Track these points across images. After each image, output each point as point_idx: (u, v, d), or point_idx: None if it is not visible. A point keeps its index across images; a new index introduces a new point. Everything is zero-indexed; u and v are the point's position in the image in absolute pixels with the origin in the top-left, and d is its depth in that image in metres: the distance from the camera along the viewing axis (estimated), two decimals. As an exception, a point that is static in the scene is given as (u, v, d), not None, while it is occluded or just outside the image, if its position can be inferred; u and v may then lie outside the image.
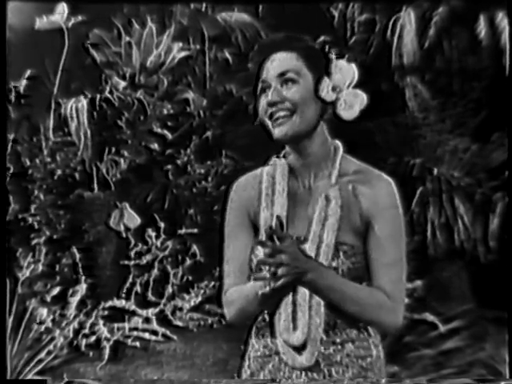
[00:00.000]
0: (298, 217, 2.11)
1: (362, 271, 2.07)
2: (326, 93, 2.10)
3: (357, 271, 2.06)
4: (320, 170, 2.12)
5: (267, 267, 1.98)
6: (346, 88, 2.11)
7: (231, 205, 2.19)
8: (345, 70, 2.12)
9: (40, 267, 5.40)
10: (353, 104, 2.11)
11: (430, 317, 4.97)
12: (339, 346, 2.09)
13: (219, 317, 5.17)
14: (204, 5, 5.94)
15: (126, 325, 5.29)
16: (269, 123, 2.10)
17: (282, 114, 2.07)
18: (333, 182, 2.09)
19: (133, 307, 5.38)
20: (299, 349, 2.07)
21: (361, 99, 2.12)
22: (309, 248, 2.05)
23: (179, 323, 5.38)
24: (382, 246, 2.07)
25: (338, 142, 2.16)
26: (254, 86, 2.15)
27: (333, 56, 2.12)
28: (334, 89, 2.11)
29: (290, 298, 2.07)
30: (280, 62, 2.09)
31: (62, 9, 5.65)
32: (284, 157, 2.16)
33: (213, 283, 5.38)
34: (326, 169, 2.12)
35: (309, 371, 2.09)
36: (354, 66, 2.13)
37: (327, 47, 2.14)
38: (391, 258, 2.09)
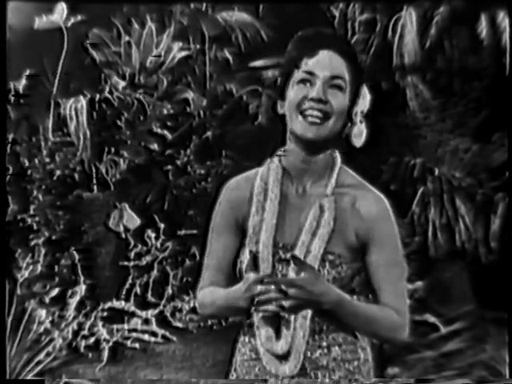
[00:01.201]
0: (287, 223, 2.08)
1: (347, 280, 2.05)
2: (356, 114, 2.09)
3: (342, 280, 2.04)
4: (317, 177, 2.10)
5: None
6: (363, 116, 2.11)
7: (221, 203, 2.18)
8: (367, 98, 2.12)
9: (39, 268, 5.39)
10: (361, 135, 2.11)
11: (431, 318, 4.95)
12: (325, 350, 2.07)
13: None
14: (204, 4, 5.92)
15: (126, 326, 5.28)
16: (296, 116, 2.05)
17: (319, 114, 2.03)
18: (328, 193, 2.07)
19: (132, 308, 5.37)
20: (282, 357, 2.05)
21: (365, 134, 2.12)
22: None
23: (179, 324, 5.36)
24: (384, 266, 2.06)
25: (337, 152, 2.14)
26: (287, 65, 2.10)
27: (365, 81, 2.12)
28: (360, 112, 2.10)
29: None
30: (335, 64, 2.04)
31: (62, 8, 5.63)
32: (279, 159, 2.13)
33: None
34: (323, 178, 2.09)
35: (296, 376, 2.07)
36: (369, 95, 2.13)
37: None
38: (395, 274, 2.08)
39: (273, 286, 1.93)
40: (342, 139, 2.12)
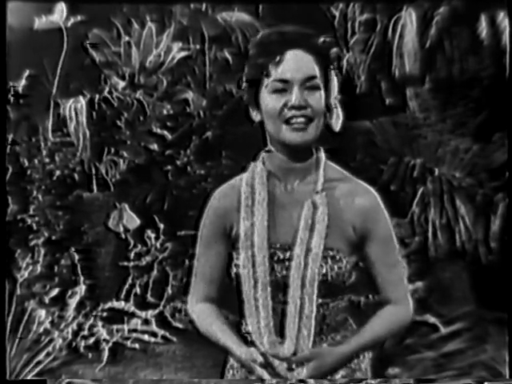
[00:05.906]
0: (279, 222, 2.06)
1: (347, 275, 2.06)
2: (334, 103, 2.09)
3: (344, 276, 2.04)
4: (304, 176, 2.08)
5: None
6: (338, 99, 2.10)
7: (209, 212, 2.16)
8: (335, 82, 2.10)
9: (39, 268, 5.38)
10: (339, 118, 2.10)
11: (431, 319, 4.95)
12: None
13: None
14: (204, 5, 5.92)
15: (125, 326, 5.27)
16: (281, 125, 2.04)
17: (302, 119, 2.01)
18: (318, 189, 2.06)
19: (132, 309, 5.36)
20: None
21: (342, 116, 2.12)
22: (297, 256, 2.01)
23: (179, 325, 5.36)
24: (382, 257, 2.08)
25: (321, 148, 2.13)
26: (253, 75, 2.08)
27: (334, 65, 2.10)
28: (334, 98, 2.09)
29: (270, 308, 2.05)
30: (305, 63, 2.00)
31: (61, 9, 5.63)
32: (263, 162, 2.12)
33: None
34: (310, 175, 2.08)
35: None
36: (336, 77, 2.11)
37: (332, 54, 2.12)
38: (393, 263, 2.09)
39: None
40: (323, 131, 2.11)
